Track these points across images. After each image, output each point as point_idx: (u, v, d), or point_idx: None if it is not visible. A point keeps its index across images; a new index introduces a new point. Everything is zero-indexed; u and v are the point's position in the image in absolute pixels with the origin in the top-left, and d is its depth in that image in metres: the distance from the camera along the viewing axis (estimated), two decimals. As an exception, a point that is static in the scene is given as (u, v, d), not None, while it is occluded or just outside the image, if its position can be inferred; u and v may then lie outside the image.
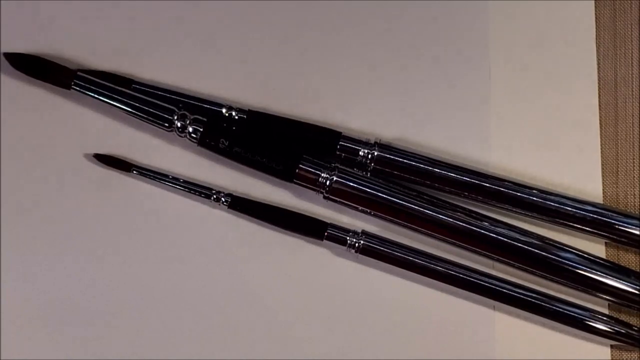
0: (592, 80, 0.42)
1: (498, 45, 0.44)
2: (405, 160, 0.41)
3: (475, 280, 0.40)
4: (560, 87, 0.42)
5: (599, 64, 0.42)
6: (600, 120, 0.42)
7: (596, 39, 0.42)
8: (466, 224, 0.40)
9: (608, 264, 0.40)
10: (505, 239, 0.40)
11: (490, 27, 0.44)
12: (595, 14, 0.43)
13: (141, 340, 0.42)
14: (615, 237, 0.40)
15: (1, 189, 0.42)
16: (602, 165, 0.42)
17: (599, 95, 0.42)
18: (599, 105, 0.42)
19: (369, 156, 0.40)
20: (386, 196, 0.40)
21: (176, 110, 0.40)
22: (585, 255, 0.40)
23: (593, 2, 0.43)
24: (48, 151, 0.41)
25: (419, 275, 0.41)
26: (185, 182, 0.41)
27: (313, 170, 0.40)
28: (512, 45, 0.44)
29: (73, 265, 0.41)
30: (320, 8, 0.44)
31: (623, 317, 0.40)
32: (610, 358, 0.40)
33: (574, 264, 0.40)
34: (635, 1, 0.44)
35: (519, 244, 0.40)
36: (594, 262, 0.40)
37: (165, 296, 0.41)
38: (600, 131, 0.42)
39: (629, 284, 0.39)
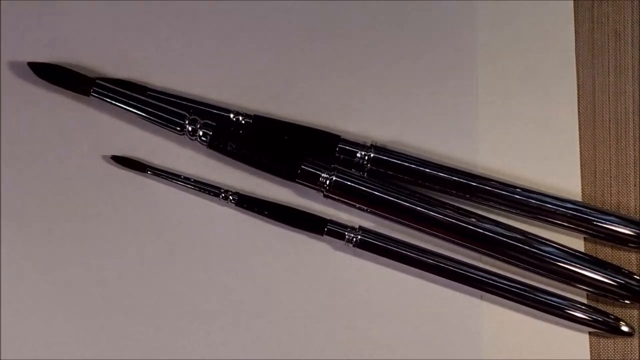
0: (572, 87, 0.43)
1: (485, 56, 0.44)
2: (399, 162, 0.41)
3: (464, 272, 0.40)
4: (542, 95, 0.43)
5: (578, 72, 0.43)
6: (579, 125, 0.42)
7: (575, 49, 0.43)
8: (455, 220, 0.40)
9: (586, 257, 0.41)
10: (491, 234, 0.40)
11: (479, 39, 0.44)
12: (575, 26, 0.43)
13: (158, 328, 0.42)
14: (593, 232, 0.41)
15: (25, 188, 0.42)
16: (581, 166, 0.42)
17: (578, 102, 0.42)
18: (579, 111, 0.42)
19: (366, 158, 0.41)
20: (382, 195, 0.41)
21: (187, 115, 0.41)
22: (565, 249, 0.41)
23: (572, 15, 0.43)
24: (69, 153, 0.42)
25: (412, 268, 0.41)
26: (195, 181, 0.41)
27: (314, 171, 0.40)
28: (498, 55, 0.43)
29: (90, 259, 0.41)
30: (319, 24, 0.44)
31: (600, 307, 0.41)
32: (588, 344, 0.41)
33: (555, 257, 0.40)
34: (612, 15, 0.43)
35: (504, 239, 0.40)
36: (573, 255, 0.40)
37: (176, 285, 0.41)
38: (580, 135, 0.42)
39: (605, 276, 0.40)
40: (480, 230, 0.40)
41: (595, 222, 0.41)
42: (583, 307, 0.41)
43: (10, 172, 0.42)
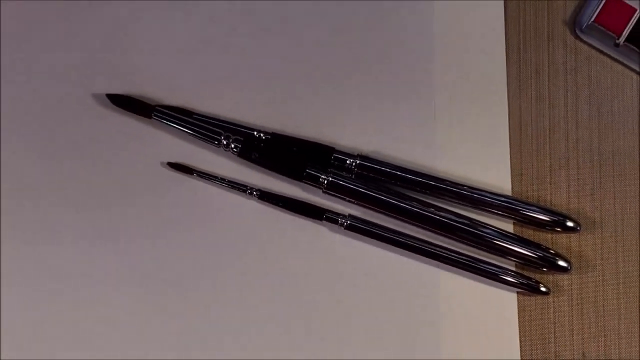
0: (504, 112, 0.48)
1: (442, 90, 0.47)
2: (378, 167, 0.46)
3: (426, 248, 0.46)
4: (484, 118, 0.48)
5: (509, 100, 0.48)
6: (510, 139, 0.48)
7: (507, 83, 0.48)
8: (419, 210, 0.46)
9: (515, 236, 0.46)
10: (446, 220, 0.46)
11: (436, 75, 0.47)
12: (507, 67, 0.48)
13: (197, 301, 0.46)
14: (520, 218, 0.46)
15: (101, 189, 0.47)
16: (511, 170, 0.47)
17: (509, 122, 0.48)
18: (509, 129, 0.48)
19: (354, 164, 0.46)
20: (365, 191, 0.46)
21: (222, 132, 0.46)
22: (500, 231, 0.46)
23: (505, 58, 0.48)
24: (135, 161, 0.47)
25: (387, 245, 0.46)
26: (228, 181, 0.46)
27: (315, 174, 0.45)
28: (452, 90, 0.47)
29: (152, 243, 0.46)
30: (320, 72, 0.47)
31: (525, 273, 0.46)
32: (516, 301, 0.46)
33: (492, 237, 0.46)
34: (533, 58, 0.48)
35: (455, 223, 0.46)
36: (505, 235, 0.46)
37: (215, 257, 0.46)
38: (510, 147, 0.47)
39: (529, 250, 0.46)
40: (438, 218, 0.46)
41: (521, 211, 0.46)
42: (513, 273, 0.46)
43: (90, 176, 0.46)
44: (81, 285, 0.45)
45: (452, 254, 0.46)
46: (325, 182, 0.45)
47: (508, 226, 0.47)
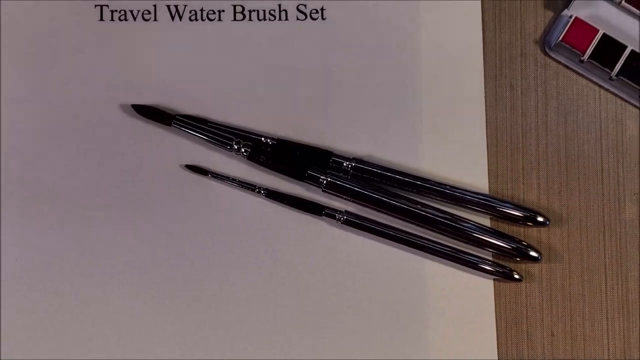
0: (482, 121, 0.49)
1: (427, 104, 0.48)
2: (370, 169, 0.47)
3: (413, 240, 0.47)
4: (463, 125, 0.49)
5: (487, 111, 0.49)
6: (487, 143, 0.49)
7: (485, 96, 0.49)
8: (407, 206, 0.47)
9: (492, 230, 0.48)
10: (430, 215, 0.47)
11: (422, 91, 0.48)
12: (485, 81, 0.49)
13: (211, 284, 0.47)
14: (496, 214, 0.48)
15: (124, 187, 0.48)
16: (489, 171, 0.49)
17: (487, 130, 0.49)
18: (487, 134, 0.49)
19: (349, 166, 0.47)
20: (359, 190, 0.47)
21: (234, 138, 0.47)
22: (478, 225, 0.48)
23: (483, 74, 0.49)
24: (157, 163, 0.48)
25: (379, 237, 0.47)
26: (239, 181, 0.47)
27: (316, 174, 0.47)
28: (436, 102, 0.48)
29: (171, 234, 0.47)
30: (316, 79, 0.48)
31: (501, 262, 0.48)
32: (493, 287, 0.48)
33: (472, 230, 0.47)
34: (508, 75, 0.49)
35: (438, 218, 0.47)
36: (483, 229, 0.47)
37: (226, 247, 0.47)
38: (487, 151, 0.49)
39: (504, 242, 0.47)
40: (423, 213, 0.47)
41: (497, 208, 0.47)
42: (489, 262, 0.47)
43: (117, 175, 0.48)
44: (110, 270, 0.47)
45: (436, 245, 0.47)
46: (325, 182, 0.47)
47: (485, 221, 0.48)
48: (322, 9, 0.48)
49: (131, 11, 0.48)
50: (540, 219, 0.47)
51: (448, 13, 0.48)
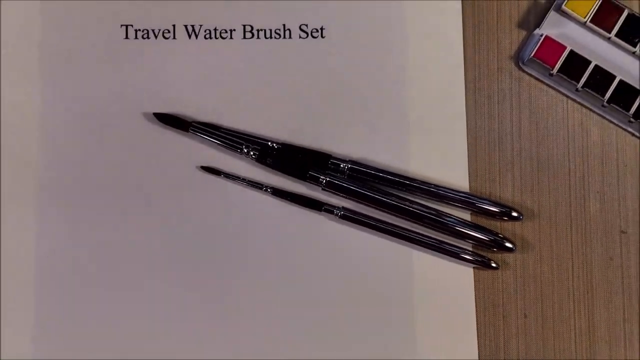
0: (463, 127, 0.49)
1: (415, 110, 0.48)
2: (364, 170, 0.48)
3: (402, 233, 0.48)
4: (446, 131, 0.49)
5: (467, 118, 0.49)
6: (467, 147, 0.49)
7: (465, 105, 0.49)
8: (396, 203, 0.48)
9: (472, 224, 0.48)
10: (417, 211, 0.48)
11: (409, 106, 0.49)
12: (465, 92, 0.49)
13: (222, 272, 0.48)
14: (476, 210, 0.48)
15: (147, 186, 0.48)
16: (469, 172, 0.49)
17: (467, 136, 0.49)
18: (467, 139, 0.49)
19: (346, 168, 0.48)
20: (355, 189, 0.48)
21: (244, 143, 0.48)
22: (460, 219, 0.48)
23: (464, 85, 0.49)
24: (175, 165, 0.48)
25: (372, 230, 0.48)
26: (249, 181, 0.48)
27: (316, 175, 0.48)
28: (422, 113, 0.48)
29: (186, 228, 0.48)
30: (316, 90, 0.49)
31: (480, 252, 0.48)
32: (472, 275, 0.48)
33: (454, 224, 0.48)
34: (485, 88, 0.49)
35: (424, 213, 0.48)
36: (465, 223, 0.48)
37: (236, 239, 0.48)
38: (468, 152, 0.49)
39: (482, 235, 0.48)
40: (411, 209, 0.48)
41: (476, 204, 0.48)
42: (470, 252, 0.48)
43: (139, 175, 0.48)
44: (135, 260, 0.48)
45: (422, 237, 0.48)
46: (324, 181, 0.48)
47: (466, 216, 0.49)
48: (321, 29, 0.49)
49: (153, 30, 0.49)
50: (514, 214, 0.48)
51: (432, 34, 0.49)
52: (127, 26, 0.49)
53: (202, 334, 0.47)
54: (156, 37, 0.49)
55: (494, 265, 0.48)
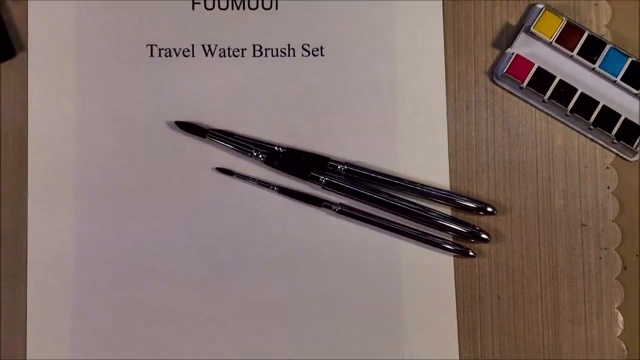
0: (444, 132, 0.51)
1: (402, 118, 0.50)
2: (359, 171, 0.51)
3: (391, 226, 0.51)
4: (430, 137, 0.51)
5: (448, 124, 0.51)
6: (448, 150, 0.52)
7: (447, 112, 0.52)
8: (386, 199, 0.51)
9: (453, 218, 0.51)
10: (405, 207, 0.51)
11: (399, 113, 0.51)
12: (446, 99, 0.51)
13: (233, 263, 0.50)
14: (456, 206, 0.51)
15: (168, 186, 0.50)
16: (450, 172, 0.52)
17: (448, 140, 0.51)
18: (448, 143, 0.52)
19: (343, 169, 0.50)
20: (350, 187, 0.51)
21: (254, 147, 0.50)
22: (442, 214, 0.51)
23: (445, 94, 0.51)
24: (193, 166, 0.51)
25: (366, 224, 0.51)
26: (258, 180, 0.51)
27: (317, 175, 0.50)
28: (409, 116, 0.50)
29: (202, 224, 0.50)
30: (317, 100, 0.51)
31: (459, 243, 0.51)
32: (453, 263, 0.51)
33: (437, 218, 0.51)
34: (465, 97, 0.51)
35: (411, 209, 0.51)
36: (446, 217, 0.51)
37: (245, 235, 0.50)
38: (449, 155, 0.52)
39: (462, 227, 0.51)
40: (400, 205, 0.51)
41: (456, 201, 0.51)
42: (450, 243, 0.51)
43: (161, 176, 0.50)
44: (157, 255, 0.50)
45: (409, 229, 0.51)
46: (323, 181, 0.51)
47: (447, 210, 0.52)
48: (321, 48, 0.52)
49: (174, 49, 0.51)
50: (489, 209, 0.51)
51: (418, 51, 0.52)
52: (152, 45, 0.52)
53: (225, 325, 0.50)
54: (177, 55, 0.52)
55: (471, 254, 0.51)
